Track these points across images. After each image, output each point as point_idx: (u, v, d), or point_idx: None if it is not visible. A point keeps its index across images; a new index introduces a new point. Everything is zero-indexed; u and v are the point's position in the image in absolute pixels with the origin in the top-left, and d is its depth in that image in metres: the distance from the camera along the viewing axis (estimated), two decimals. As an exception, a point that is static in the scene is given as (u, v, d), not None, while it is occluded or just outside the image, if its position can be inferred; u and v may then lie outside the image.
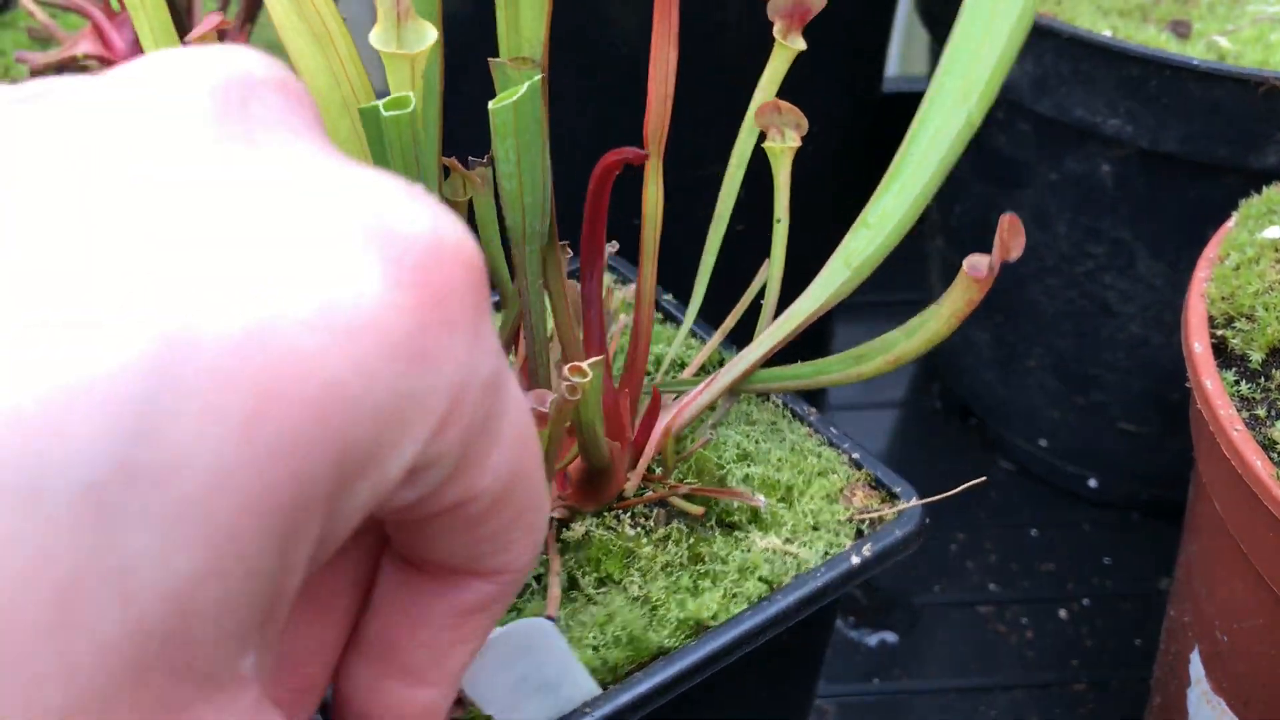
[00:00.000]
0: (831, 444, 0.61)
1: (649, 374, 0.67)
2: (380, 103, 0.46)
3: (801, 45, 0.59)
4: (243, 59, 0.29)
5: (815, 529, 0.57)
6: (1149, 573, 0.97)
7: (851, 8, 0.91)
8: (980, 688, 0.88)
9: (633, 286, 0.71)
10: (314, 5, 0.51)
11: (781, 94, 0.89)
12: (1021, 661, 0.90)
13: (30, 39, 1.02)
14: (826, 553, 0.56)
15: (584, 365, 0.47)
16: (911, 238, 1.28)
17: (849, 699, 0.87)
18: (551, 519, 0.57)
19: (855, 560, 0.55)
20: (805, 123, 0.58)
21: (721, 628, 0.53)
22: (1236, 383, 0.59)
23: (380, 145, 0.47)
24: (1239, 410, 0.58)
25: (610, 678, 0.52)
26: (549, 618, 0.52)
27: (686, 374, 0.64)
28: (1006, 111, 0.89)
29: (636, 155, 0.49)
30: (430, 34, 0.48)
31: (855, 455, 0.60)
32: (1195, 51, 0.80)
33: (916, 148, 0.52)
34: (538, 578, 0.56)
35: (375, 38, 0.48)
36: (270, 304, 0.24)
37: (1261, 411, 0.58)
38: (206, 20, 0.53)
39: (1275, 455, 0.55)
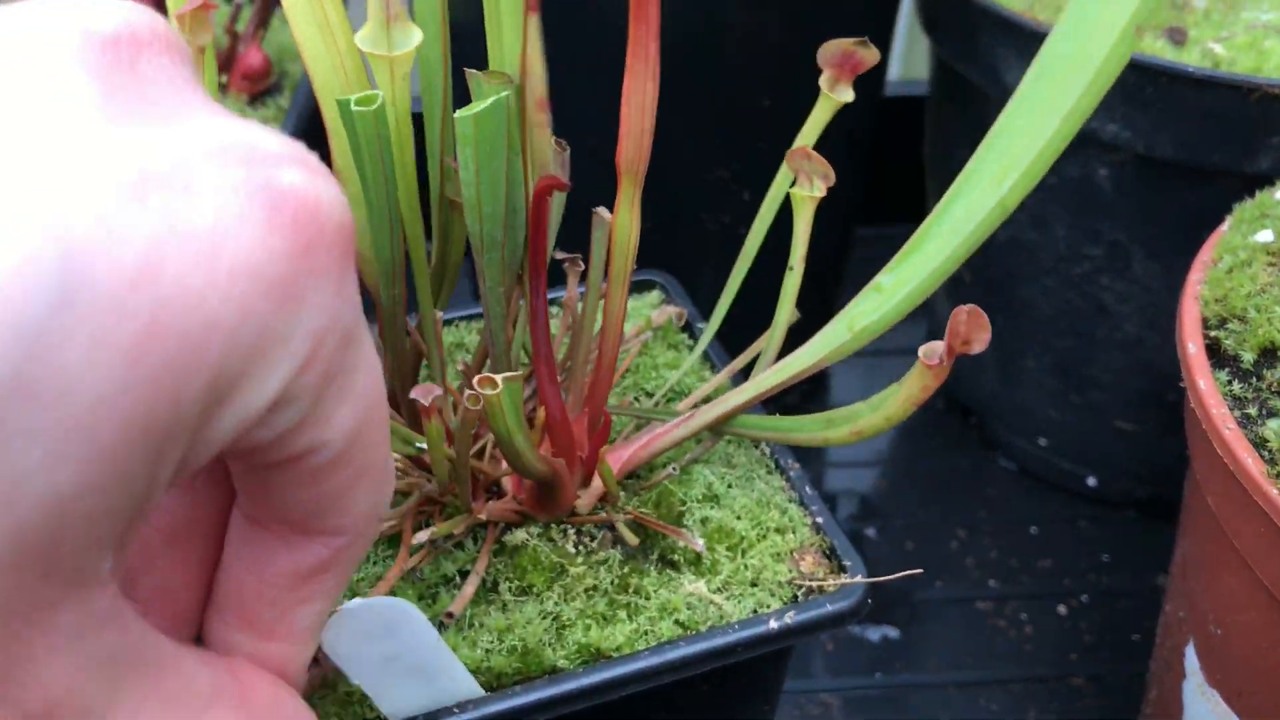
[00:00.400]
0: (801, 503, 0.60)
1: (650, 396, 0.68)
2: (352, 97, 0.47)
3: (849, 97, 0.60)
4: (125, 14, 0.31)
5: (753, 585, 0.56)
6: (1146, 569, 0.98)
7: (854, 11, 0.92)
8: (980, 682, 0.89)
9: (671, 308, 0.72)
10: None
11: (787, 97, 0.91)
12: (1020, 656, 0.91)
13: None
14: (755, 610, 0.55)
15: (496, 378, 0.48)
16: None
17: (851, 692, 0.89)
18: (496, 522, 0.58)
19: (773, 625, 0.53)
20: (832, 174, 0.58)
21: (616, 662, 0.52)
22: (1229, 382, 0.61)
23: (354, 135, 0.49)
24: (1231, 409, 0.60)
25: (494, 684, 0.52)
26: (448, 614, 0.53)
27: (685, 404, 0.64)
28: (1006, 116, 0.90)
29: (560, 184, 0.50)
30: (414, 38, 0.50)
31: (820, 520, 0.59)
32: (1190, 58, 0.82)
33: (944, 222, 0.52)
34: (463, 573, 0.57)
35: (361, 37, 0.50)
36: (162, 241, 0.27)
37: (1253, 410, 0.59)
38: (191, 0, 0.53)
39: (1266, 453, 0.57)
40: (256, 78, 0.96)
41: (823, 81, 0.62)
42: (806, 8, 0.88)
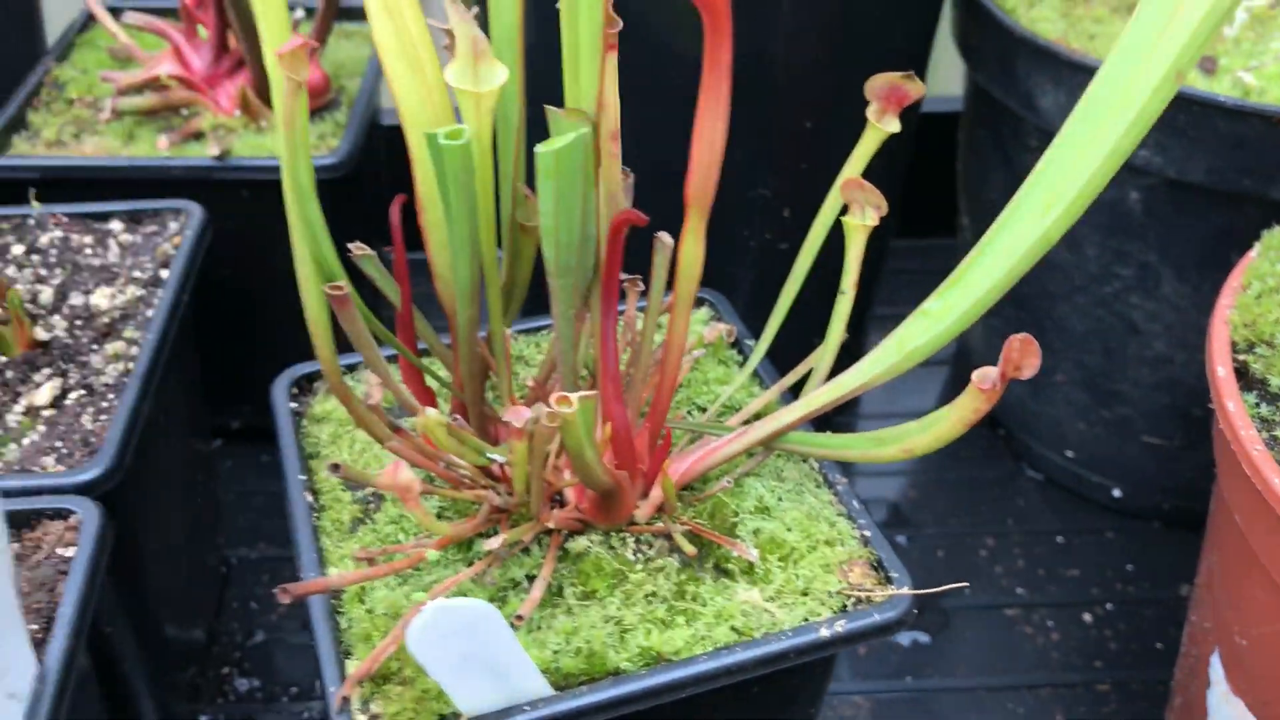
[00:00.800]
0: (849, 516, 0.64)
1: (702, 411, 0.71)
2: (441, 130, 0.51)
3: (895, 128, 0.63)
4: None
5: (803, 594, 0.59)
6: (1170, 579, 1.01)
7: (892, 41, 0.95)
8: (1008, 686, 0.93)
9: (721, 325, 0.75)
10: (411, 37, 0.56)
11: (827, 120, 0.94)
12: (1047, 662, 0.94)
13: (111, 58, 1.07)
14: (806, 619, 0.58)
15: (572, 397, 0.51)
16: (945, 253, 1.32)
17: (882, 695, 0.92)
18: (560, 530, 0.62)
19: (824, 633, 0.57)
20: (884, 204, 0.61)
21: (676, 665, 0.55)
22: (1257, 405, 0.64)
23: (441, 166, 0.52)
24: (1259, 431, 0.63)
25: (561, 684, 0.55)
26: (519, 617, 0.56)
27: (736, 419, 0.67)
28: (1040, 140, 0.94)
29: (638, 219, 0.53)
30: (500, 75, 0.53)
31: (867, 533, 0.63)
32: (1221, 88, 0.85)
33: (990, 252, 0.55)
34: (530, 577, 0.60)
35: (450, 73, 0.53)
36: None
37: (1280, 433, 0.62)
38: (294, 41, 0.57)
39: (1292, 474, 0.60)
40: (316, 94, 0.99)
41: (870, 113, 0.65)
42: (847, 38, 0.91)
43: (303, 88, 0.54)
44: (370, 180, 1.06)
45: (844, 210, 0.64)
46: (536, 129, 0.58)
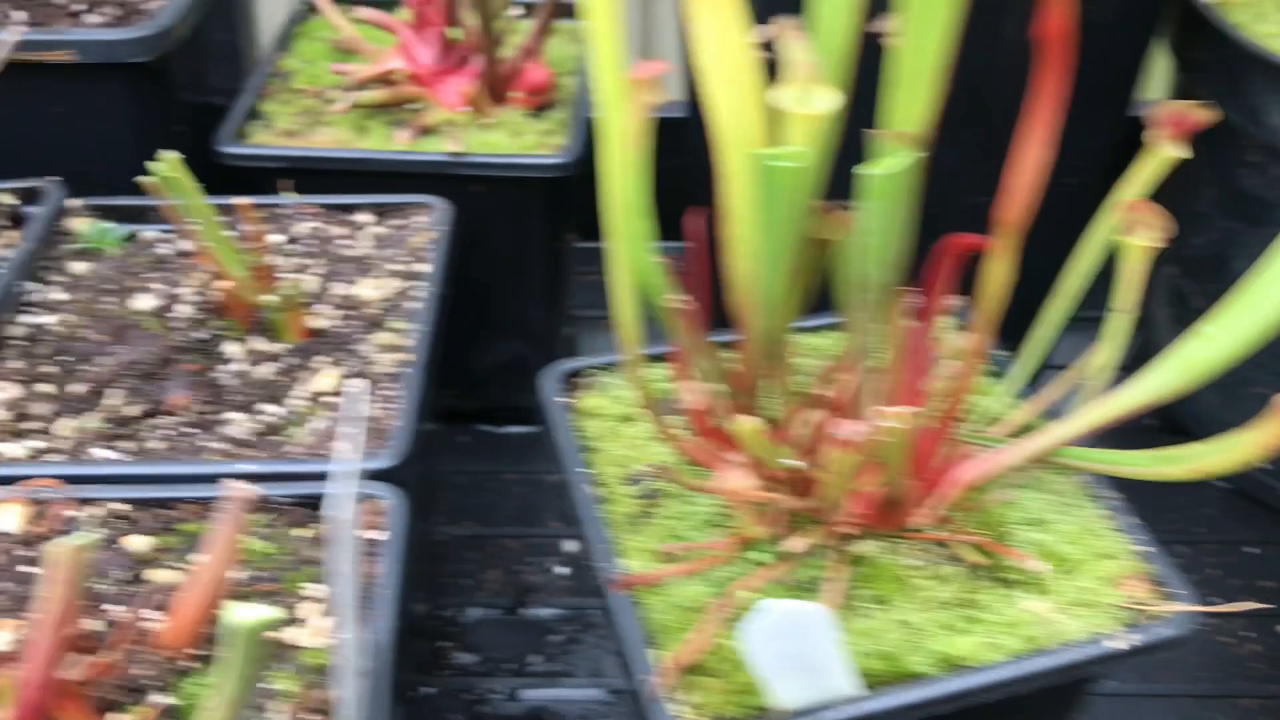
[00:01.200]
0: (1124, 531, 0.66)
1: (958, 421, 0.73)
2: (772, 151, 0.53)
3: (1182, 153, 0.64)
4: None
5: (1085, 606, 0.61)
6: (1368, 595, 1.02)
7: (1116, 42, 0.96)
8: (1211, 695, 0.94)
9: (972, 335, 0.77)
10: (736, 60, 0.59)
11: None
12: (1247, 672, 0.95)
13: (334, 50, 1.11)
14: (1090, 631, 0.60)
15: (904, 413, 0.54)
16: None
17: (1093, 698, 0.93)
18: (845, 533, 0.64)
19: (1118, 645, 0.59)
20: (1167, 227, 0.63)
21: (977, 670, 0.58)
22: None
23: (770, 186, 0.55)
24: None
25: (866, 685, 0.58)
26: None
27: (998, 431, 0.70)
28: (1262, 156, 0.94)
29: (977, 244, 0.55)
30: (831, 100, 0.55)
31: (1145, 548, 0.65)
32: None
33: (1262, 282, 0.57)
34: (816, 580, 0.62)
35: (783, 97, 0.55)
36: None
37: None
38: (651, 65, 0.60)
39: None
40: (539, 92, 1.02)
41: (1154, 138, 0.66)
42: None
43: (649, 113, 0.56)
44: (581, 175, 1.09)
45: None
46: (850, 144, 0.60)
